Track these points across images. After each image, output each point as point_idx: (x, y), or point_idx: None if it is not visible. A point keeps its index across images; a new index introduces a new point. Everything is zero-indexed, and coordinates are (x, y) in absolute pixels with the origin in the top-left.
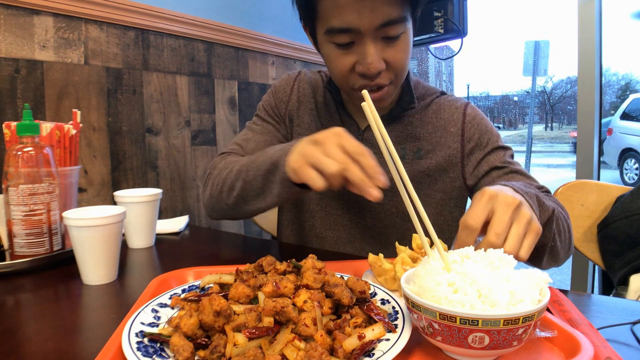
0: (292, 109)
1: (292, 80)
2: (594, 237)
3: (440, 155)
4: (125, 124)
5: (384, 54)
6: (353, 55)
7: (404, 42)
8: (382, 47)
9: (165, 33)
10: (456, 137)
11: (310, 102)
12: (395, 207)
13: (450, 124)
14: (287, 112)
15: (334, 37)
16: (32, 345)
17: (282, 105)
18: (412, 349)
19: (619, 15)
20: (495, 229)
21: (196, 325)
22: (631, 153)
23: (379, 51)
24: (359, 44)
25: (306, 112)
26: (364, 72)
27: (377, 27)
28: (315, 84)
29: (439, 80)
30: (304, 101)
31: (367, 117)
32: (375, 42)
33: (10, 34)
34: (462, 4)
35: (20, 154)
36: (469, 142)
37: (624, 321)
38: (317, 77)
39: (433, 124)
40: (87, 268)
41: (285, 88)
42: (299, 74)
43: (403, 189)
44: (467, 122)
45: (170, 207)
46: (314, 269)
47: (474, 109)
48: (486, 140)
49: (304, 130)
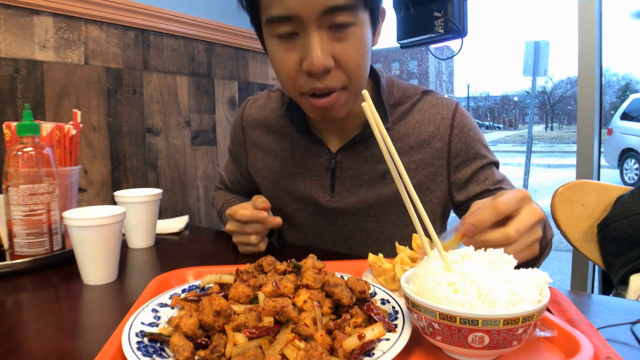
0: (251, 153)
1: (239, 126)
2: (594, 237)
3: (423, 174)
4: (125, 124)
5: (333, 50)
6: (297, 50)
7: (356, 37)
8: (329, 40)
9: (165, 33)
10: (442, 153)
11: (267, 142)
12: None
13: (435, 138)
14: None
15: (274, 27)
16: (32, 345)
17: (241, 152)
18: (412, 348)
19: (619, 15)
20: (518, 227)
21: (196, 325)
22: (631, 153)
23: (326, 45)
24: (303, 36)
25: (265, 154)
26: (309, 69)
27: (320, 14)
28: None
29: (439, 80)
30: (260, 142)
31: (368, 117)
32: (321, 33)
33: (10, 34)
34: (462, 4)
35: (21, 154)
36: (456, 158)
37: (624, 321)
38: (268, 102)
39: (416, 137)
40: (87, 268)
41: (237, 134)
42: (244, 112)
43: (403, 189)
44: (454, 135)
45: (170, 207)
46: (314, 268)
47: (463, 115)
48: (473, 154)
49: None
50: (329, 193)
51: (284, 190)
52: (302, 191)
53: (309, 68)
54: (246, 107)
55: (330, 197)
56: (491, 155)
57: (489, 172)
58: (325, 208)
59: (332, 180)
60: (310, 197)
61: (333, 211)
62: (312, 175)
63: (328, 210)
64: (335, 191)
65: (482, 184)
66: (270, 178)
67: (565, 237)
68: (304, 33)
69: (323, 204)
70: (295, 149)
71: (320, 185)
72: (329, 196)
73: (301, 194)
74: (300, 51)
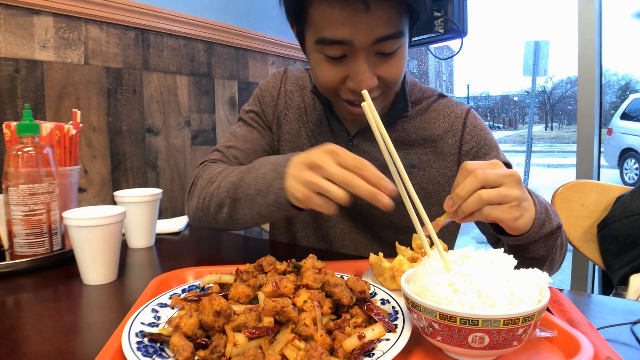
0: (280, 114)
1: (278, 83)
2: (594, 237)
3: (435, 167)
4: (125, 124)
5: (378, 71)
6: (344, 69)
7: (399, 57)
8: (375, 62)
9: (165, 33)
10: (454, 148)
11: (299, 107)
12: (388, 219)
13: (449, 134)
14: (275, 117)
15: (324, 48)
16: (32, 345)
17: (269, 110)
18: (412, 349)
19: (619, 15)
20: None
21: (196, 325)
22: (631, 153)
23: (372, 67)
24: (352, 59)
25: (294, 118)
26: (355, 89)
27: (372, 43)
28: (302, 84)
29: (439, 80)
30: (291, 105)
31: (367, 117)
32: (369, 58)
33: (10, 34)
34: (462, 4)
35: (20, 154)
36: (466, 156)
37: (624, 321)
38: (304, 75)
39: (430, 131)
40: (87, 268)
41: (272, 92)
42: (285, 73)
43: (403, 189)
44: (466, 133)
45: (170, 207)
46: (314, 268)
47: (476, 118)
48: (485, 152)
49: (293, 137)
50: None
51: None
52: None
53: (355, 88)
54: (287, 71)
55: None
56: (502, 156)
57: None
58: None
59: None
60: None
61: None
62: None
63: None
64: None
65: None
66: (292, 142)
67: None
68: (352, 56)
69: None
70: (321, 125)
71: None
72: None
73: None
74: (346, 70)
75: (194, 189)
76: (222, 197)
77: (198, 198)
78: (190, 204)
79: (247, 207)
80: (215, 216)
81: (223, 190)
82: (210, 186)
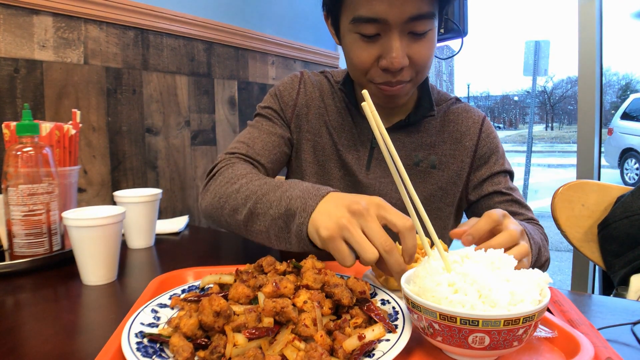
0: (300, 113)
1: (297, 83)
2: (594, 237)
3: (452, 168)
4: (125, 124)
5: (409, 50)
6: (377, 48)
7: (430, 40)
8: (407, 42)
9: (165, 33)
10: (470, 151)
11: (319, 107)
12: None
13: (466, 137)
14: (294, 116)
15: (359, 26)
16: (32, 346)
17: (288, 109)
18: (412, 349)
19: (619, 15)
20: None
21: (196, 326)
22: (631, 153)
23: (405, 46)
24: (385, 37)
25: (315, 117)
26: (387, 67)
27: (406, 21)
28: (320, 86)
29: (440, 80)
30: (312, 105)
31: (367, 117)
32: (402, 37)
33: (10, 34)
34: (462, 4)
35: (20, 154)
36: (479, 159)
37: (625, 321)
38: (320, 78)
39: (450, 133)
40: (86, 268)
41: (290, 91)
42: (302, 75)
43: (403, 189)
44: (482, 138)
45: (170, 207)
46: (314, 269)
47: (490, 125)
48: (494, 159)
49: (314, 135)
50: (364, 169)
51: (328, 156)
52: (344, 160)
53: (388, 66)
54: (304, 73)
55: (366, 174)
56: (508, 165)
57: (503, 178)
58: (361, 183)
59: (369, 157)
60: (350, 168)
61: (368, 187)
62: (354, 148)
63: (364, 185)
64: (371, 169)
65: (495, 185)
66: (312, 141)
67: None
68: (386, 34)
69: (360, 178)
70: (344, 122)
71: (358, 159)
72: (364, 172)
73: (343, 162)
74: (379, 49)
75: (212, 183)
76: (240, 202)
77: (214, 195)
78: (205, 197)
79: (262, 225)
80: (227, 219)
81: (242, 197)
82: (229, 187)
